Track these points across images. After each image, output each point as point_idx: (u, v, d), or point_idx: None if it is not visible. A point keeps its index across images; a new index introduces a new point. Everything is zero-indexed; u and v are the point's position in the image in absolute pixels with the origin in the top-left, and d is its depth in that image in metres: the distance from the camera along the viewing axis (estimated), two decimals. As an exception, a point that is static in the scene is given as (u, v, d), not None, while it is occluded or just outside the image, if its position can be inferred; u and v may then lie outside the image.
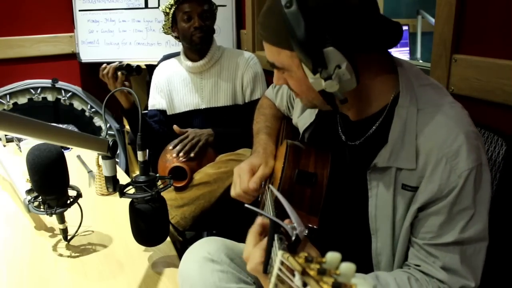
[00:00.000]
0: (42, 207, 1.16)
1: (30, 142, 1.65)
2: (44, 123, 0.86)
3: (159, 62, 2.07)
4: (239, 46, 2.62)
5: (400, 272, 0.83)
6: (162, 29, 1.89)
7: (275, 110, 1.31)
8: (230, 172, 1.58)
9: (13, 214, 1.42)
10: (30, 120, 0.82)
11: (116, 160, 2.44)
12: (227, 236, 1.10)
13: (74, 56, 2.83)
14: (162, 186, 1.08)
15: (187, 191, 1.56)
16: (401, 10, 3.09)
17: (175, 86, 1.91)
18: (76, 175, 1.67)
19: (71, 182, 1.19)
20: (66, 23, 2.82)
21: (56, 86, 2.88)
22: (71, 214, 1.22)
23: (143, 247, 1.18)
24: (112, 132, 3.04)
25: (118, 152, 2.99)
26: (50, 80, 2.87)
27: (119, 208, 1.43)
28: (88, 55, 2.75)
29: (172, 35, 1.88)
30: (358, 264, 0.53)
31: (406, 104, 0.83)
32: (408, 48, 2.55)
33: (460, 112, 0.84)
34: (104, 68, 1.67)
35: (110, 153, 1.06)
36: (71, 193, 1.20)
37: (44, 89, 2.87)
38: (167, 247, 1.20)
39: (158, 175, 1.07)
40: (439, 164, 0.79)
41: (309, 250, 0.73)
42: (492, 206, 0.82)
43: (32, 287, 1.06)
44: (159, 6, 2.63)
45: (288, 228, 0.69)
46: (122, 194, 1.03)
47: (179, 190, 1.57)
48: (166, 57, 2.11)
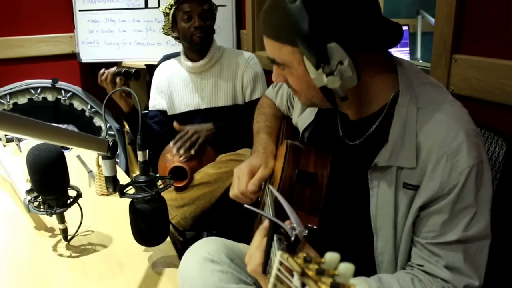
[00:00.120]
0: (42, 207, 1.16)
1: (30, 142, 1.65)
2: (44, 123, 0.86)
3: (159, 62, 2.07)
4: (239, 46, 2.61)
5: (403, 274, 0.83)
6: (162, 29, 1.89)
7: (275, 110, 1.31)
8: (231, 172, 1.57)
9: (13, 214, 1.42)
10: (30, 120, 0.82)
11: (116, 160, 2.44)
12: (227, 236, 1.10)
13: (74, 56, 2.83)
14: (162, 186, 1.08)
15: (188, 191, 1.56)
16: (401, 10, 3.09)
17: (175, 87, 1.91)
18: (76, 175, 1.67)
19: (71, 182, 1.19)
20: (66, 23, 2.82)
21: (56, 86, 2.88)
22: (71, 214, 1.22)
23: (143, 247, 1.18)
24: (112, 132, 3.04)
25: (118, 152, 2.99)
26: (50, 80, 2.87)
27: (119, 208, 1.43)
28: (88, 55, 2.75)
29: (172, 36, 1.88)
30: (360, 264, 0.53)
31: (406, 103, 0.84)
32: (408, 48, 2.55)
33: (460, 111, 0.84)
34: (103, 74, 1.67)
35: (110, 153, 1.06)
36: (71, 193, 1.20)
37: (44, 89, 2.87)
38: (167, 247, 1.20)
39: (158, 175, 1.07)
40: (440, 162, 0.78)
41: (307, 251, 0.73)
42: (492, 206, 0.81)
43: (32, 287, 1.06)
44: (159, 6, 2.63)
45: (288, 229, 0.69)
46: (122, 194, 1.03)
47: (180, 190, 1.57)
48: (166, 57, 2.10)
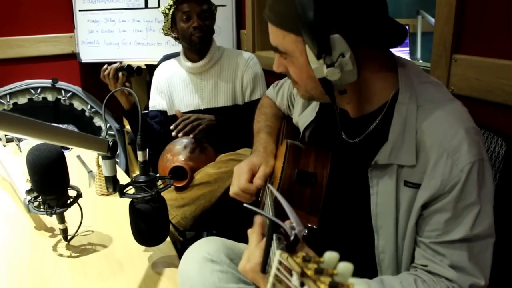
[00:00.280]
0: (42, 207, 1.16)
1: (30, 142, 1.65)
2: (44, 123, 0.86)
3: (159, 62, 2.07)
4: (239, 46, 2.61)
5: (406, 275, 0.82)
6: (162, 30, 1.90)
7: (275, 110, 1.31)
8: (231, 172, 1.57)
9: (13, 214, 1.42)
10: (30, 120, 0.82)
11: (116, 160, 2.44)
12: (227, 236, 1.10)
13: (74, 56, 2.83)
14: (162, 186, 1.08)
15: (188, 191, 1.56)
16: (401, 10, 3.09)
17: (175, 87, 1.91)
18: (76, 175, 1.67)
19: (71, 182, 1.19)
20: (66, 23, 2.82)
21: (56, 86, 2.88)
22: (71, 214, 1.22)
23: (143, 247, 1.18)
24: (112, 132, 3.04)
25: (118, 152, 2.99)
26: (50, 80, 2.87)
27: (119, 208, 1.43)
28: (88, 55, 2.75)
29: (172, 36, 1.89)
30: (360, 263, 0.53)
31: (406, 101, 0.84)
32: (408, 48, 2.55)
33: (460, 109, 0.84)
34: (105, 69, 1.68)
35: (110, 153, 1.06)
36: (71, 193, 1.20)
37: (44, 89, 2.87)
38: (167, 247, 1.20)
39: (158, 175, 1.07)
40: (440, 159, 0.78)
41: (305, 251, 0.73)
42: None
43: (32, 287, 1.06)
44: (159, 6, 2.63)
45: (287, 228, 0.69)
46: (122, 194, 1.03)
47: (180, 190, 1.57)
48: (166, 57, 2.11)
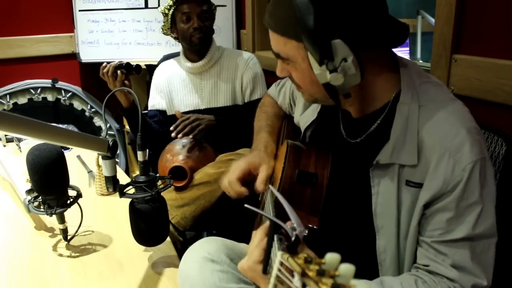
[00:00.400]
0: (42, 207, 1.16)
1: (30, 142, 1.65)
2: (44, 123, 0.86)
3: (159, 62, 2.07)
4: (239, 46, 2.61)
5: (406, 276, 0.82)
6: (162, 30, 1.89)
7: (277, 109, 1.31)
8: (230, 172, 1.58)
9: (13, 214, 1.42)
10: (30, 120, 0.82)
11: (116, 160, 2.44)
12: (227, 236, 1.10)
13: (74, 56, 2.83)
14: (162, 186, 1.08)
15: (187, 191, 1.56)
16: (401, 10, 3.09)
17: (175, 87, 1.91)
18: (76, 175, 1.67)
19: (71, 182, 1.19)
20: (66, 23, 2.82)
21: (56, 86, 2.88)
22: (71, 214, 1.22)
23: (143, 247, 1.18)
24: (112, 132, 3.04)
25: (118, 152, 2.99)
26: (50, 80, 2.87)
27: (119, 208, 1.43)
28: (88, 55, 2.75)
29: (172, 36, 1.88)
30: (361, 263, 0.52)
31: (408, 100, 0.84)
32: (408, 48, 2.55)
33: (462, 109, 0.84)
34: (104, 67, 1.68)
35: (110, 153, 1.06)
36: (71, 193, 1.20)
37: (44, 89, 2.87)
38: (167, 247, 1.20)
39: (158, 175, 1.07)
40: (442, 159, 0.78)
41: (306, 252, 0.73)
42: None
43: (32, 287, 1.06)
44: (159, 6, 2.63)
45: (288, 229, 0.69)
46: (122, 194, 1.03)
47: (179, 190, 1.57)
48: (166, 57, 2.10)
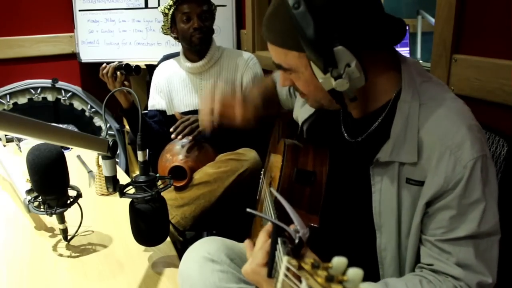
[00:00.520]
0: (42, 207, 1.16)
1: (30, 142, 1.65)
2: (44, 123, 0.86)
3: (159, 62, 2.07)
4: (239, 46, 2.61)
5: (411, 276, 0.82)
6: (161, 29, 1.89)
7: (272, 89, 1.31)
8: (230, 172, 1.58)
9: (13, 214, 1.42)
10: (30, 120, 0.82)
11: (116, 160, 2.44)
12: (227, 236, 1.10)
13: (74, 56, 2.83)
14: (162, 186, 1.08)
15: (187, 191, 1.56)
16: (401, 10, 3.09)
17: (174, 87, 1.91)
18: (76, 175, 1.67)
19: (71, 182, 1.19)
20: (66, 23, 2.82)
21: (56, 86, 2.88)
22: (71, 214, 1.22)
23: (143, 247, 1.18)
24: (112, 132, 3.04)
25: (118, 152, 2.99)
26: (50, 80, 2.87)
27: (119, 208, 1.43)
28: (88, 55, 2.75)
29: (172, 36, 1.88)
30: (362, 261, 0.52)
31: (408, 99, 0.84)
32: (408, 48, 2.55)
33: (462, 107, 0.84)
34: (104, 68, 1.68)
35: (110, 153, 1.06)
36: (71, 193, 1.20)
37: (44, 89, 2.87)
38: (167, 247, 1.20)
39: (158, 175, 1.07)
40: (443, 156, 0.78)
41: (308, 253, 0.73)
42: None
43: (32, 287, 1.06)
44: (159, 6, 2.63)
45: (292, 232, 0.68)
46: (122, 194, 1.03)
47: (179, 190, 1.57)
48: (166, 57, 2.10)
